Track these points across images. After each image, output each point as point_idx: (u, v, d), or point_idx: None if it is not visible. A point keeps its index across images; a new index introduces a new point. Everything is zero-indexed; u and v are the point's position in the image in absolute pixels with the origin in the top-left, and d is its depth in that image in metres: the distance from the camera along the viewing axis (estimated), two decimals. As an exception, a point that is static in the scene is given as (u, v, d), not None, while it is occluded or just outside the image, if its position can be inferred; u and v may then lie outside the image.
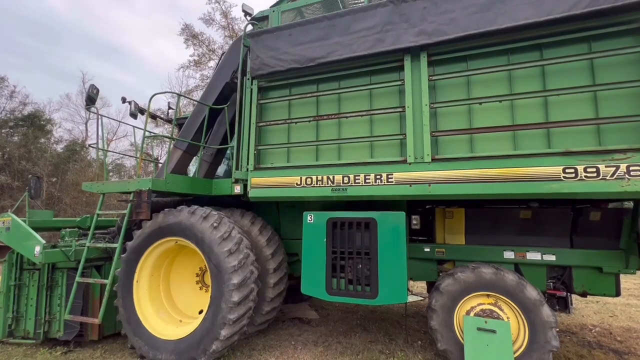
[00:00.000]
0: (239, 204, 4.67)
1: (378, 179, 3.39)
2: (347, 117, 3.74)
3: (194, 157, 5.23)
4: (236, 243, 3.63)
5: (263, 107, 4.22)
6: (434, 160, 3.23)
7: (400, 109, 3.46)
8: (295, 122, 3.98)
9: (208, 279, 4.22)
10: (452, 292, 3.37)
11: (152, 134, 4.13)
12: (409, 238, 4.18)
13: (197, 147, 4.83)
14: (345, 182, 3.52)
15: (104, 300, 3.65)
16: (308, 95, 3.92)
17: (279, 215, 4.94)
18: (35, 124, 27.78)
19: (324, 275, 3.54)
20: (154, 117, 5.29)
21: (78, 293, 3.88)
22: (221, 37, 21.81)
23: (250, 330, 4.14)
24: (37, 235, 3.81)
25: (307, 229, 3.69)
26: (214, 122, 5.05)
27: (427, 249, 4.02)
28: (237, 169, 4.12)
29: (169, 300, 4.13)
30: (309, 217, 3.70)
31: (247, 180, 4.01)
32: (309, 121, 3.90)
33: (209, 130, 5.08)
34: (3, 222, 3.96)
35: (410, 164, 3.30)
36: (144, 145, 4.04)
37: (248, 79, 4.25)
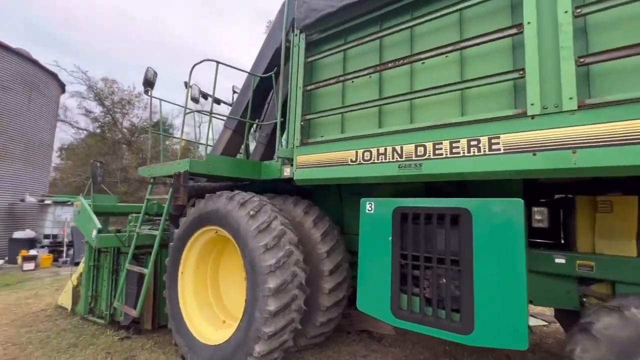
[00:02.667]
0: (298, 191, 3.96)
1: (474, 146, 2.13)
2: (423, 61, 2.56)
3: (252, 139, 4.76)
4: (275, 237, 2.88)
5: (312, 66, 3.35)
6: (582, 106, 1.82)
7: (513, 30, 2.11)
8: (352, 80, 2.98)
9: (257, 276, 3.63)
10: (621, 341, 1.89)
11: (190, 110, 3.66)
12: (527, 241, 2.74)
13: (246, 127, 4.30)
14: (419, 154, 2.37)
15: (142, 291, 3.40)
16: (368, 38, 2.86)
17: (342, 204, 4.04)
18: (162, 129, 33.55)
19: (389, 289, 2.47)
20: (204, 96, 5.01)
21: (131, 280, 3.77)
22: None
23: (303, 342, 3.38)
24: (96, 220, 3.84)
25: (366, 221, 2.67)
26: (266, 97, 4.45)
27: (560, 260, 2.54)
28: (282, 146, 3.37)
29: (216, 297, 3.69)
30: (368, 206, 2.67)
31: (293, 160, 3.23)
32: (370, 75, 2.85)
33: (263, 108, 4.50)
34: (76, 206, 4.17)
35: (533, 117, 1.95)
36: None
37: (295, 35, 3.43)
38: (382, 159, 2.55)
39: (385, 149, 2.54)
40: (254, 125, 4.54)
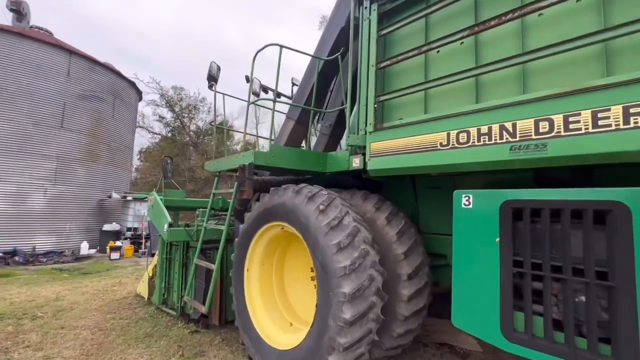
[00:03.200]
0: (364, 185, 3.60)
1: (637, 114, 1.53)
2: (541, 12, 1.98)
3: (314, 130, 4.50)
4: (349, 235, 2.54)
5: (386, 40, 2.93)
6: None
7: None
8: (437, 49, 2.50)
9: (324, 277, 3.35)
10: None
11: (252, 102, 3.47)
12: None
13: (310, 116, 4.03)
14: (541, 131, 1.81)
15: (210, 288, 3.33)
16: (459, -5, 2.35)
17: (417, 199, 3.57)
18: (223, 130, 35.81)
19: (497, 304, 1.96)
20: (265, 90, 4.86)
21: (199, 274, 3.76)
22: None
23: (377, 354, 2.99)
24: (167, 214, 3.91)
25: (462, 219, 2.17)
26: (330, 84, 4.13)
27: None
28: (351, 132, 3.01)
29: (282, 297, 3.50)
30: (465, 199, 2.17)
31: (365, 148, 2.85)
32: (462, 40, 2.34)
33: (326, 96, 4.19)
34: (150, 201, 4.34)
35: None
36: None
37: (365, 7, 3.04)
38: (484, 141, 2.04)
39: (490, 128, 2.02)
40: (317, 116, 4.27)
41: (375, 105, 2.80)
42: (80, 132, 10.98)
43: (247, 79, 5.15)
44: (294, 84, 6.23)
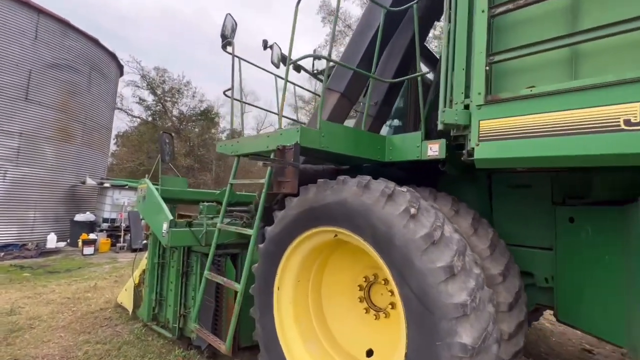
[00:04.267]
0: (416, 178, 2.84)
1: None
2: None
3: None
4: (458, 253, 1.73)
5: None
6: None
7: None
8: (599, -15, 1.68)
9: (379, 298, 2.55)
10: None
11: (289, 63, 2.51)
12: None
13: (359, 90, 3.16)
14: None
15: (233, 318, 2.43)
16: None
17: (491, 200, 2.84)
18: (208, 117, 34.00)
19: None
20: (284, 60, 3.90)
21: (208, 290, 2.85)
22: (358, 7, 20.46)
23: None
24: (167, 209, 2.95)
25: None
26: (382, 49, 3.26)
27: None
28: (445, 106, 2.16)
29: (320, 324, 2.66)
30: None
31: (467, 128, 2.02)
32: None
33: (380, 55, 3.32)
34: (141, 190, 3.34)
35: None
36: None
37: None
38: None
39: None
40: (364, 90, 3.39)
41: (487, 68, 1.97)
42: (50, 106, 9.53)
43: (265, 45, 4.17)
44: (317, 57, 5.30)
